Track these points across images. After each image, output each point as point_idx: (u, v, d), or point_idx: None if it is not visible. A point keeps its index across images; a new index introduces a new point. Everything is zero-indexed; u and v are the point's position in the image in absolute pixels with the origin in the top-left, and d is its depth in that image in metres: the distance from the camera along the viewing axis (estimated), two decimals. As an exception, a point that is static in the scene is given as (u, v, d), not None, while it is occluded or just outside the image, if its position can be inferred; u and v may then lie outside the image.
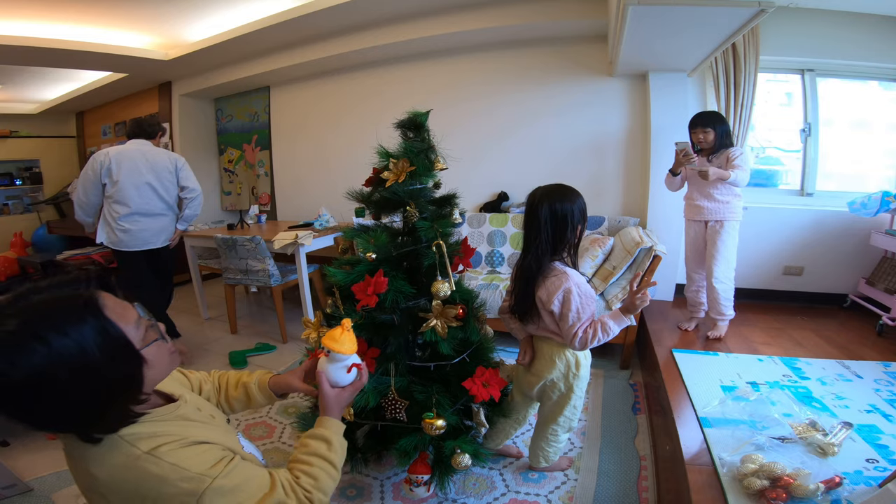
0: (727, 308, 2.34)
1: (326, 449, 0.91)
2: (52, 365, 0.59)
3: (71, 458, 0.70)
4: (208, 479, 0.70)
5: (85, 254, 4.24)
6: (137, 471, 0.67)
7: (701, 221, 2.35)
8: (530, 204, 1.42)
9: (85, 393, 0.62)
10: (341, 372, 0.95)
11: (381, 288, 1.41)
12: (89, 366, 0.62)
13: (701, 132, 2.25)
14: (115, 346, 0.65)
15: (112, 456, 0.67)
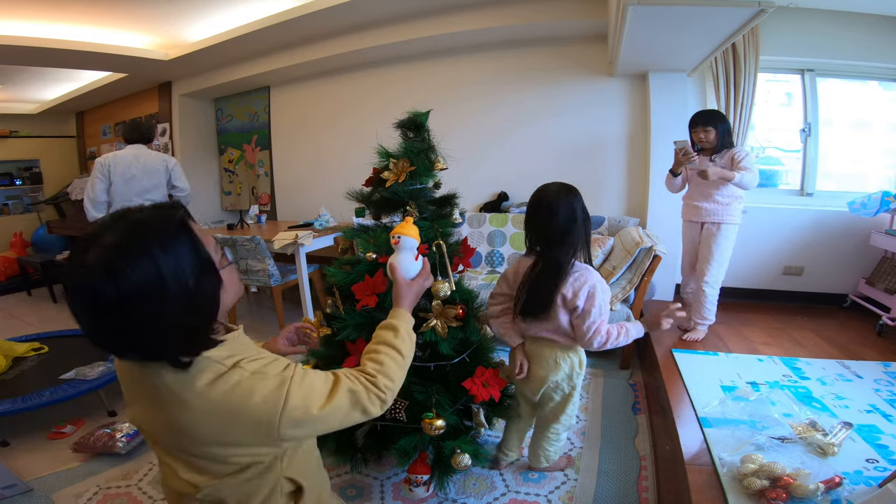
0: (710, 313, 2.32)
1: (393, 336, 0.94)
2: (155, 279, 0.61)
3: (157, 399, 0.71)
4: (288, 377, 0.74)
5: (85, 254, 4.24)
6: (226, 384, 0.70)
7: (697, 223, 2.32)
8: (544, 201, 1.40)
9: (181, 310, 0.64)
10: (410, 258, 1.03)
11: (380, 288, 1.41)
12: (184, 283, 0.64)
13: (702, 131, 2.21)
14: (203, 265, 0.68)
15: (202, 377, 0.69)
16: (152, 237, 0.63)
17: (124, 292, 0.59)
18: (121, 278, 0.59)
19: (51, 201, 5.59)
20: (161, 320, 0.63)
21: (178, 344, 0.67)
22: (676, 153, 2.22)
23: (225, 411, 0.70)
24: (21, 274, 4.79)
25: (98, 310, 0.60)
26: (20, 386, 2.12)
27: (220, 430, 0.70)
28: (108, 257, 0.60)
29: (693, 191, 2.34)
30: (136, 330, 0.63)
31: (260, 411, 0.70)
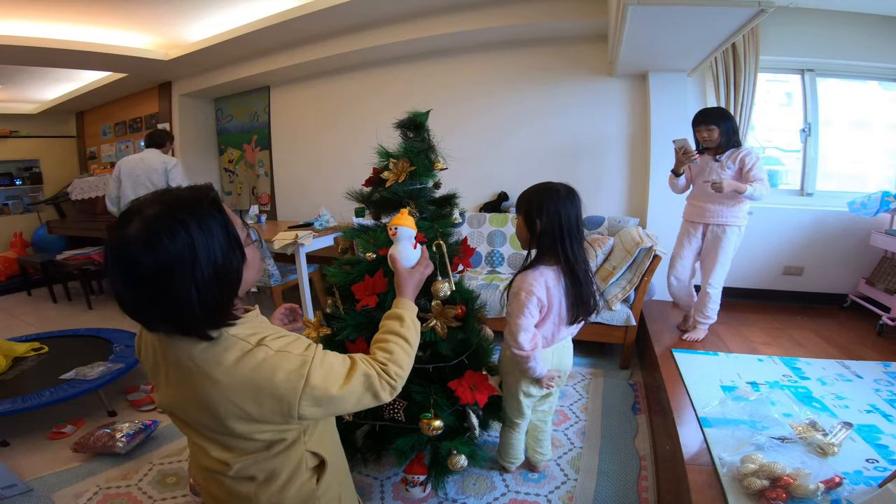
0: (713, 312, 2.31)
1: (399, 325, 0.98)
2: (189, 250, 0.66)
3: (188, 378, 0.74)
4: (310, 357, 0.78)
5: (85, 254, 4.25)
6: (252, 361, 0.74)
7: (700, 223, 2.28)
8: (563, 200, 1.36)
9: (209, 282, 0.69)
10: (409, 247, 1.08)
11: (380, 288, 1.41)
12: (213, 256, 0.69)
13: (705, 130, 2.14)
14: (231, 240, 0.72)
15: (229, 353, 0.74)
16: (189, 211, 0.68)
17: (161, 261, 0.64)
18: (159, 248, 0.64)
19: (51, 201, 5.59)
20: (192, 291, 0.67)
21: (206, 316, 0.71)
22: (676, 152, 2.18)
23: (250, 387, 0.73)
24: (21, 274, 4.79)
25: (137, 280, 0.65)
26: (20, 386, 2.12)
27: (245, 406, 0.74)
28: (149, 228, 0.65)
29: (698, 191, 2.28)
30: (170, 300, 0.67)
31: (283, 389, 0.74)
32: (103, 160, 5.65)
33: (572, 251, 1.36)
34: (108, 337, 2.66)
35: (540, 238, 1.37)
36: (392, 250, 1.10)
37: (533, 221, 1.37)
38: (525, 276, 1.37)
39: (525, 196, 1.42)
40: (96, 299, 4.33)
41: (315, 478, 0.90)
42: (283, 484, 0.84)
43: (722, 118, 2.13)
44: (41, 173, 5.73)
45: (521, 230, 1.43)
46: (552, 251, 1.37)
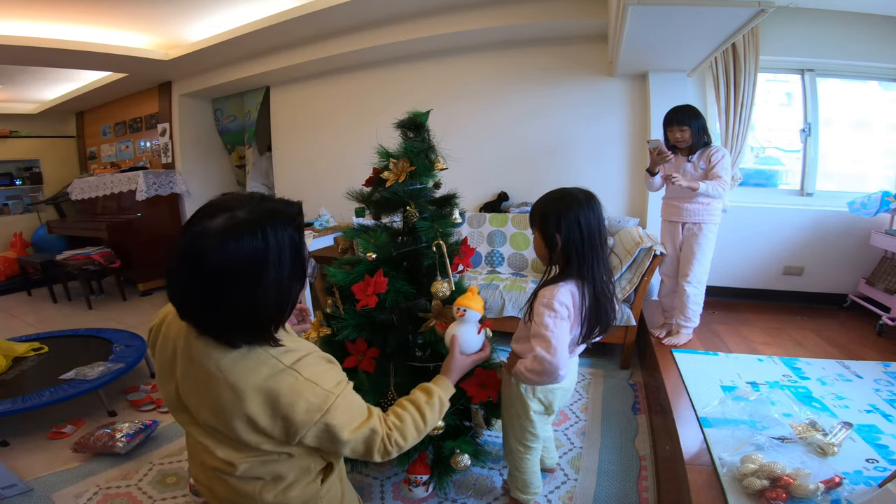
0: (695, 314, 2.28)
1: (425, 401, 0.97)
2: (264, 253, 0.70)
3: (211, 383, 0.75)
4: (334, 396, 0.79)
5: (85, 254, 4.24)
6: (279, 382, 0.75)
7: (677, 222, 2.28)
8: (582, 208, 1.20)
9: (267, 297, 0.72)
10: (473, 332, 1.02)
11: (381, 288, 1.41)
12: (282, 268, 0.73)
13: (678, 131, 2.13)
14: (300, 268, 0.77)
15: (260, 369, 0.75)
16: (272, 222, 0.71)
17: (230, 261, 0.67)
18: (235, 249, 0.67)
19: (51, 201, 5.59)
20: (251, 301, 0.70)
21: (249, 330, 0.74)
22: (651, 153, 2.18)
23: (270, 406, 0.75)
24: (21, 274, 4.79)
25: (201, 270, 0.67)
26: (20, 386, 2.12)
27: (259, 420, 0.75)
28: (233, 228, 0.68)
29: (673, 190, 2.27)
30: (223, 300, 0.69)
31: (298, 417, 0.76)
32: (103, 160, 5.65)
33: (597, 267, 1.20)
34: (108, 337, 2.66)
35: (561, 254, 1.21)
36: (454, 329, 1.05)
37: (552, 236, 1.20)
38: (552, 289, 1.19)
39: (539, 207, 1.26)
40: (96, 299, 4.33)
41: (320, 478, 0.90)
42: (289, 484, 0.85)
43: (693, 117, 2.13)
44: (41, 173, 5.73)
45: (540, 246, 1.27)
46: (575, 266, 1.20)
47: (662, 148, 2.12)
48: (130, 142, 5.32)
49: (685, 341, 2.31)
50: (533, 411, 1.36)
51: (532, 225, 1.29)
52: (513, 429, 1.43)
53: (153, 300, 4.34)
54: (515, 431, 1.42)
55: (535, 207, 1.28)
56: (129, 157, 5.36)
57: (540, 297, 1.20)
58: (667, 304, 2.48)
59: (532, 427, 1.39)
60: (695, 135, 2.13)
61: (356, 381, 1.44)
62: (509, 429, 1.45)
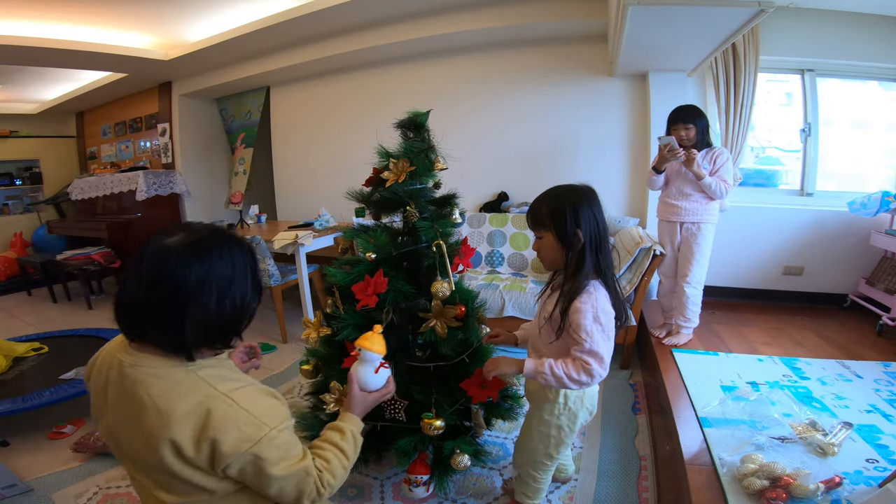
0: (694, 314, 2.28)
1: (339, 438, 0.97)
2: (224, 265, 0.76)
3: (140, 411, 0.74)
4: (268, 429, 0.77)
5: (85, 254, 4.24)
6: (211, 407, 0.75)
7: (675, 223, 2.28)
8: (594, 202, 1.17)
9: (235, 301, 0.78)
10: (370, 371, 1.03)
11: (381, 288, 1.41)
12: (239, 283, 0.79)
13: (682, 129, 2.14)
14: (258, 280, 0.84)
15: (192, 394, 0.75)
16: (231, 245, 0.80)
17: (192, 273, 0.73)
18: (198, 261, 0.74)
19: (51, 201, 5.59)
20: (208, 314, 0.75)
21: (207, 336, 0.78)
22: (661, 150, 2.17)
23: (199, 431, 0.73)
24: (21, 274, 4.79)
25: (158, 283, 0.72)
26: (20, 386, 2.12)
27: (185, 447, 0.73)
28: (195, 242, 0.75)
29: (672, 188, 2.27)
30: (185, 311, 0.73)
31: (227, 446, 0.73)
32: (103, 160, 5.64)
33: (609, 261, 1.17)
34: (108, 337, 2.66)
35: (581, 253, 1.13)
36: (353, 368, 1.05)
37: (570, 235, 1.12)
38: (589, 298, 1.11)
39: (548, 205, 1.17)
40: (96, 299, 4.33)
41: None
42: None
43: (698, 116, 2.15)
44: (41, 173, 5.72)
45: (552, 249, 1.17)
46: (594, 263, 1.14)
47: (674, 145, 2.12)
48: (130, 142, 5.32)
49: (685, 341, 2.31)
50: (580, 422, 1.29)
51: (538, 226, 1.18)
52: (548, 441, 1.30)
53: (153, 300, 4.33)
54: (551, 444, 1.30)
55: (541, 206, 1.18)
56: (129, 157, 5.36)
57: (580, 311, 1.10)
58: (666, 304, 2.48)
59: (572, 437, 1.32)
60: (700, 133, 2.15)
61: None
62: (543, 441, 1.31)
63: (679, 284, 2.28)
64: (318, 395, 1.68)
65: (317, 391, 1.72)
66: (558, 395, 1.25)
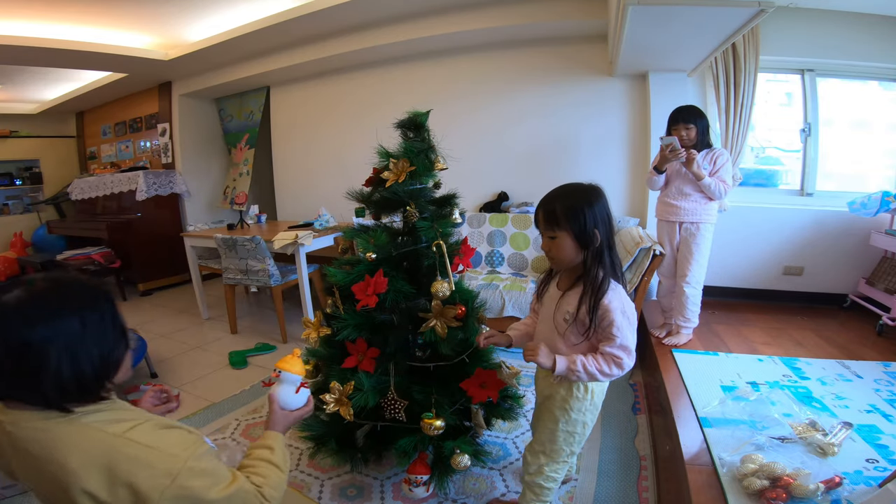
0: (693, 314, 2.28)
1: (270, 454, 0.98)
2: (73, 325, 0.71)
3: (39, 466, 0.72)
4: (181, 460, 0.75)
5: (85, 254, 4.25)
6: (109, 452, 0.71)
7: (675, 222, 2.28)
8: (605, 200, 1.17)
9: (93, 355, 0.74)
10: (290, 391, 1.07)
11: (381, 288, 1.41)
12: (97, 341, 0.75)
13: (683, 129, 2.14)
14: (122, 329, 0.80)
15: (83, 441, 0.71)
16: (81, 297, 0.75)
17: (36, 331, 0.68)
18: (39, 318, 0.69)
19: (51, 201, 5.59)
20: (67, 368, 0.70)
21: (80, 385, 0.73)
22: (662, 150, 2.17)
23: (109, 479, 0.70)
24: (21, 274, 4.79)
25: (9, 344, 0.67)
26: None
27: (98, 494, 0.70)
28: (33, 297, 0.70)
29: (671, 188, 2.27)
30: (54, 364, 0.69)
31: (144, 486, 0.71)
32: (103, 160, 5.65)
33: (618, 257, 1.19)
34: (108, 337, 2.66)
35: (597, 252, 1.14)
36: (273, 389, 1.08)
37: (589, 233, 1.12)
38: (617, 297, 1.13)
39: (563, 203, 1.15)
40: (96, 299, 4.33)
41: None
42: None
43: (699, 116, 2.16)
44: (41, 173, 5.73)
45: (567, 249, 1.14)
46: (609, 263, 1.15)
47: (676, 145, 2.12)
48: (130, 142, 5.32)
49: (685, 341, 2.31)
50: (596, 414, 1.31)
51: (552, 226, 1.15)
52: (573, 439, 1.29)
53: (153, 300, 4.34)
54: (575, 441, 1.29)
55: (554, 205, 1.15)
56: (129, 157, 5.36)
57: (610, 309, 1.10)
58: (665, 304, 2.48)
59: (584, 436, 1.31)
60: (700, 134, 2.15)
61: (356, 380, 1.45)
62: (568, 441, 1.28)
63: (678, 284, 2.28)
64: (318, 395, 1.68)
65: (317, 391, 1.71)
66: (587, 393, 1.24)
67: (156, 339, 3.21)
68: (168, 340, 3.22)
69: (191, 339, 3.24)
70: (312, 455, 1.72)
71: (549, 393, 1.29)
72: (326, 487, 1.66)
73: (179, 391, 2.43)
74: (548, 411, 1.30)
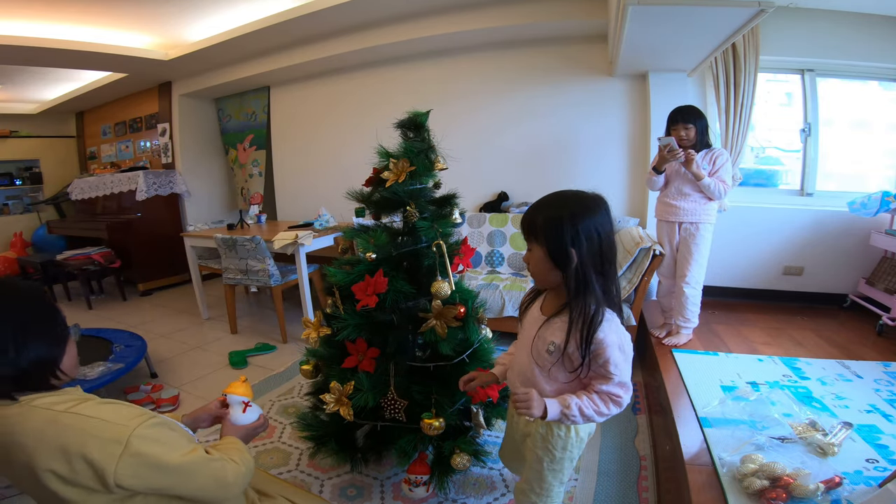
0: (693, 314, 2.28)
1: (233, 442, 1.03)
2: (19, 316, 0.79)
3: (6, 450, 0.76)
4: (130, 428, 0.77)
5: (85, 254, 4.24)
6: (58, 427, 0.75)
7: (674, 223, 2.28)
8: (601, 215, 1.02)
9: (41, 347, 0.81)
10: (238, 412, 1.18)
11: (381, 288, 1.41)
12: (43, 331, 0.82)
13: (682, 129, 2.14)
14: (60, 326, 0.86)
15: (31, 418, 0.76)
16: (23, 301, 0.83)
17: None
18: None
19: (51, 201, 5.59)
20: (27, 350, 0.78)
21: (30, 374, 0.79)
22: (661, 150, 2.17)
23: (63, 452, 0.74)
24: (21, 274, 4.79)
25: None
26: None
27: (58, 469, 0.73)
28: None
29: (670, 188, 2.27)
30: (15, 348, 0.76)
31: (96, 455, 0.74)
32: (103, 160, 5.65)
33: (617, 284, 1.04)
34: (108, 337, 2.66)
35: (576, 274, 0.99)
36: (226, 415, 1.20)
37: (563, 252, 0.97)
38: (613, 329, 1.01)
39: (542, 213, 1.02)
40: (96, 299, 4.33)
41: None
42: None
43: (698, 116, 2.16)
44: (41, 173, 5.73)
45: (542, 264, 1.02)
46: (600, 289, 1.00)
47: (674, 146, 2.12)
48: (130, 142, 5.32)
49: (685, 341, 2.31)
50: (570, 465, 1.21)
51: (529, 236, 1.04)
52: (562, 475, 1.20)
53: (153, 300, 4.34)
54: (563, 475, 1.20)
55: (535, 214, 1.03)
56: (129, 157, 5.36)
57: (606, 345, 0.98)
58: (665, 304, 2.48)
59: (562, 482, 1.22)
60: (699, 134, 2.16)
61: (356, 380, 1.45)
62: (557, 477, 1.19)
63: (678, 285, 2.28)
64: (318, 395, 1.68)
65: (317, 391, 1.72)
66: (569, 431, 1.15)
67: (156, 339, 3.21)
68: (168, 340, 3.22)
69: (191, 339, 3.24)
70: (312, 455, 1.72)
71: (528, 431, 1.20)
72: (326, 487, 1.66)
73: (179, 391, 2.43)
74: (530, 451, 1.20)
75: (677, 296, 2.29)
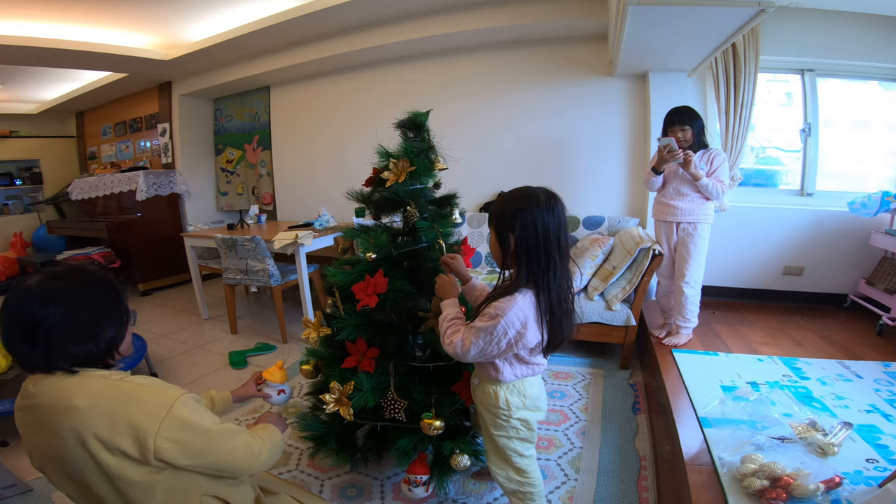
0: (693, 314, 2.28)
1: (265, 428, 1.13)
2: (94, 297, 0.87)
3: (52, 417, 0.82)
4: (175, 397, 0.85)
5: (85, 254, 4.24)
6: (112, 390, 0.83)
7: (672, 223, 2.28)
8: (541, 209, 1.11)
9: (113, 328, 0.89)
10: (273, 392, 1.42)
11: (381, 288, 1.41)
12: (112, 312, 0.90)
13: (679, 130, 2.15)
14: (124, 309, 0.94)
15: (89, 384, 0.83)
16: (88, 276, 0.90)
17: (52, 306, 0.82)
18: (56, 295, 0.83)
19: (51, 201, 5.59)
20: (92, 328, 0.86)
21: (95, 347, 0.87)
22: (660, 151, 2.17)
23: (108, 412, 0.80)
24: (21, 274, 4.79)
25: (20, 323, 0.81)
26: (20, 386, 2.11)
27: (101, 432, 0.79)
28: (49, 279, 0.84)
29: (668, 188, 2.28)
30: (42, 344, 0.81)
31: (140, 419, 0.81)
32: (103, 160, 5.65)
33: (553, 276, 1.10)
34: (108, 337, 2.66)
35: (513, 258, 1.13)
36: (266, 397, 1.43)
37: (505, 236, 1.13)
38: (509, 301, 1.10)
39: (497, 205, 1.19)
40: (96, 299, 4.32)
41: None
42: None
43: (694, 118, 2.17)
44: (41, 173, 5.72)
45: (494, 246, 1.21)
46: (529, 272, 1.11)
47: (674, 146, 2.12)
48: (130, 142, 5.32)
49: (685, 341, 2.31)
50: (532, 421, 1.27)
51: (490, 222, 1.23)
52: (511, 441, 1.27)
53: (153, 300, 4.34)
54: (515, 441, 1.27)
55: (494, 205, 1.21)
56: (129, 157, 5.36)
57: (493, 307, 1.10)
58: (664, 304, 2.48)
59: (533, 435, 1.28)
60: (696, 134, 2.16)
61: (356, 380, 1.45)
62: (507, 443, 1.26)
63: (677, 285, 2.28)
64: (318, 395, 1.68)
65: (317, 391, 1.72)
66: (498, 399, 1.23)
67: (156, 339, 3.21)
68: (168, 340, 3.22)
69: (191, 339, 3.24)
70: (312, 455, 1.72)
71: (478, 399, 1.32)
72: (326, 487, 1.66)
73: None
74: (481, 418, 1.34)
75: (676, 296, 2.29)
